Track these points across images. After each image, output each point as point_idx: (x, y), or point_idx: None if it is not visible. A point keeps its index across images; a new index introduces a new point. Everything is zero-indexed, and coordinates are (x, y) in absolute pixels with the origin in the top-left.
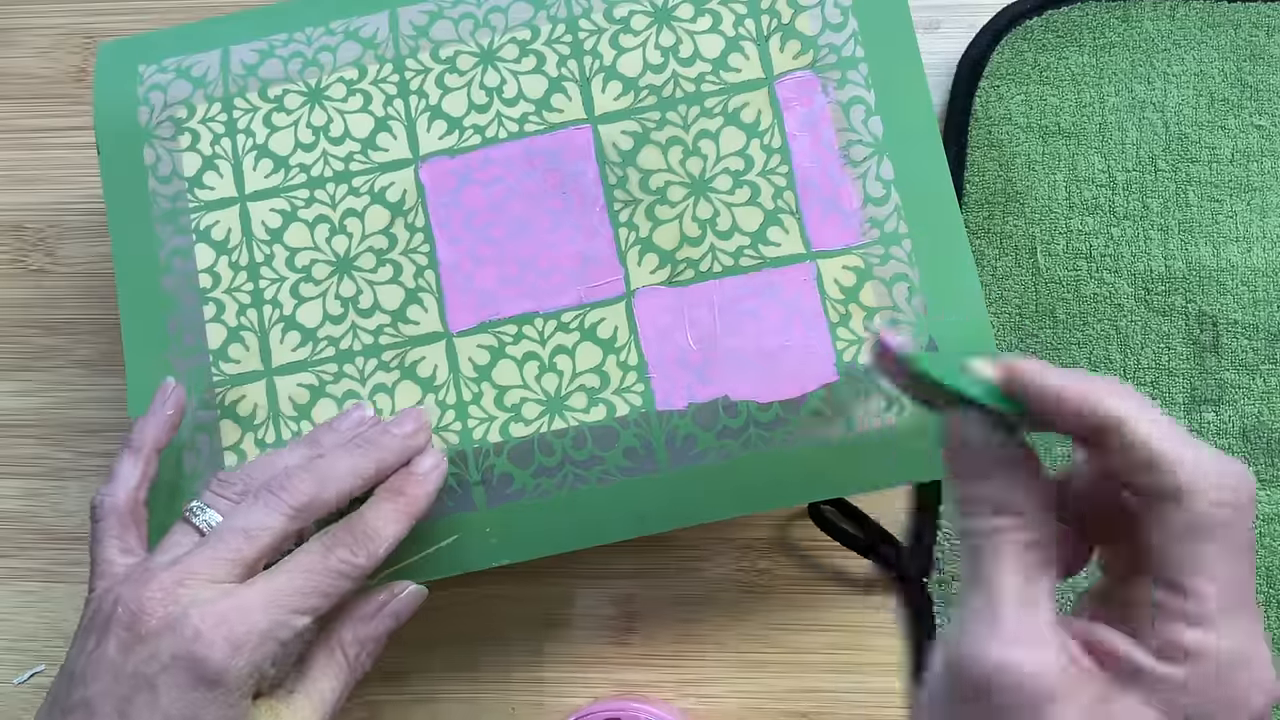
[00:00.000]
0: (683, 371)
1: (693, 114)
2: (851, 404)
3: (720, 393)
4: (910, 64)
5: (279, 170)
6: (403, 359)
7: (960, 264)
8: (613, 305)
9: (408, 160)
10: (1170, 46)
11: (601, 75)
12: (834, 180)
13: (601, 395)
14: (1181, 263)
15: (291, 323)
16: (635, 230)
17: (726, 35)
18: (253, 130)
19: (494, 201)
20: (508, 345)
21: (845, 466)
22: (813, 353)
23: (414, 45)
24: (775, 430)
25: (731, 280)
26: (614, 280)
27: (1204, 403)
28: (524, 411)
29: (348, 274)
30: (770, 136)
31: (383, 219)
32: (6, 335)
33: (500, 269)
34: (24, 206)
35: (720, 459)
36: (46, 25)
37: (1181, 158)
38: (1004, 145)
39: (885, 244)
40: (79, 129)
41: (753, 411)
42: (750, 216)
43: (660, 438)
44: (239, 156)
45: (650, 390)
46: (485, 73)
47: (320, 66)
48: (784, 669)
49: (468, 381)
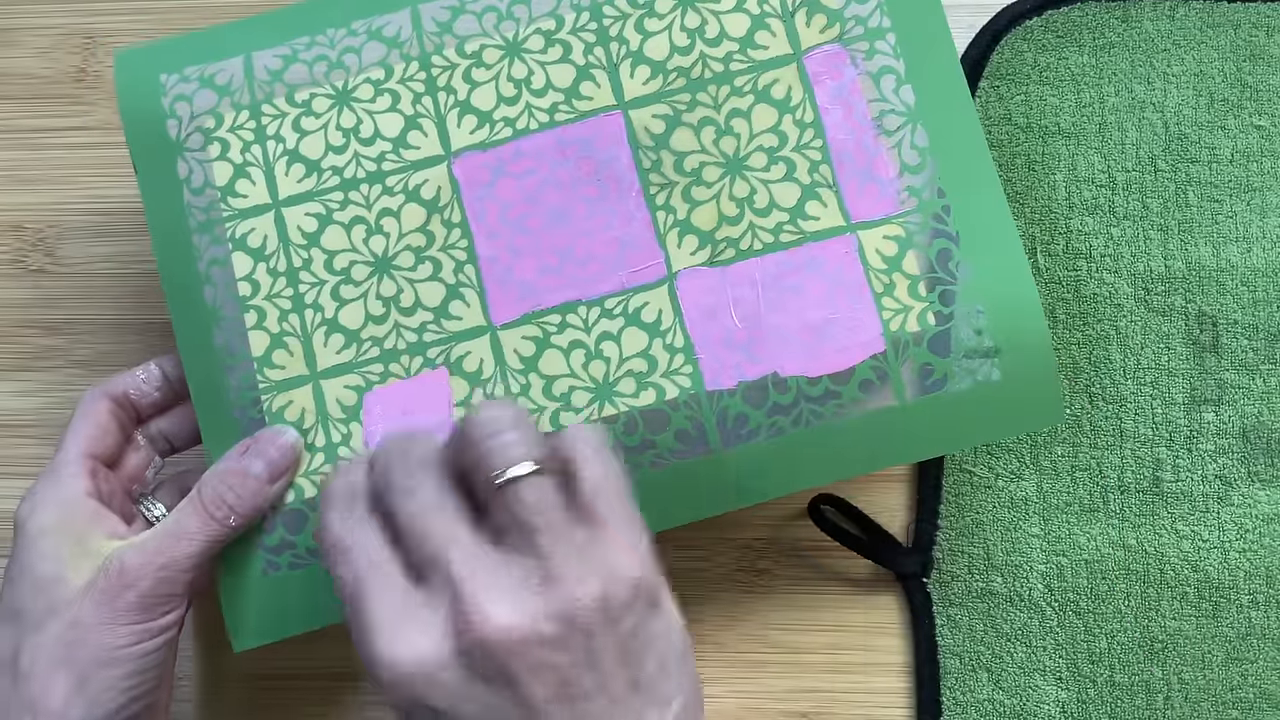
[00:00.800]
0: (730, 351)
1: (723, 93)
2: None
3: (769, 370)
4: (937, 30)
5: (311, 174)
6: (448, 355)
7: (1000, 224)
8: (655, 289)
9: (440, 157)
10: (1170, 47)
11: (629, 60)
12: (869, 151)
13: (650, 379)
14: (1181, 263)
15: (334, 325)
16: (673, 213)
17: (751, 13)
18: (282, 135)
19: (529, 193)
20: (552, 335)
21: (899, 435)
22: (859, 324)
23: (438, 42)
24: (826, 404)
25: (773, 257)
26: (655, 264)
27: (1203, 403)
28: (573, 400)
29: (387, 273)
30: (802, 111)
31: (419, 217)
32: (6, 335)
33: (539, 260)
34: (24, 206)
35: (772, 435)
36: (46, 25)
37: (1181, 158)
38: (1003, 145)
39: (924, 211)
40: (79, 129)
41: (802, 386)
42: (787, 192)
43: (711, 419)
44: (270, 163)
45: (699, 371)
46: (512, 65)
47: (346, 68)
48: (784, 669)
49: (514, 374)
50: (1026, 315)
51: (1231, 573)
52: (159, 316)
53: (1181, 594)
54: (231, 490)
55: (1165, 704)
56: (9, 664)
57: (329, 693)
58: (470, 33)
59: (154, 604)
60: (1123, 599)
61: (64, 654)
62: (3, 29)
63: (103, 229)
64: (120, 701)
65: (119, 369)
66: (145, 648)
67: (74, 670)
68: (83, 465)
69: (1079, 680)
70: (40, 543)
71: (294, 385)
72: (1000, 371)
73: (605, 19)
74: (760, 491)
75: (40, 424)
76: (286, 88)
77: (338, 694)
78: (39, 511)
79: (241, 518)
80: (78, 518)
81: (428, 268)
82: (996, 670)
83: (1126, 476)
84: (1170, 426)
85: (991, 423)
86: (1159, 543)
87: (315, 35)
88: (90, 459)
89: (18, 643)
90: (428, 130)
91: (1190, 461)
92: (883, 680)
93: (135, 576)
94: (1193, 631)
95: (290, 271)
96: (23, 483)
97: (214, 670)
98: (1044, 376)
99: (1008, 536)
